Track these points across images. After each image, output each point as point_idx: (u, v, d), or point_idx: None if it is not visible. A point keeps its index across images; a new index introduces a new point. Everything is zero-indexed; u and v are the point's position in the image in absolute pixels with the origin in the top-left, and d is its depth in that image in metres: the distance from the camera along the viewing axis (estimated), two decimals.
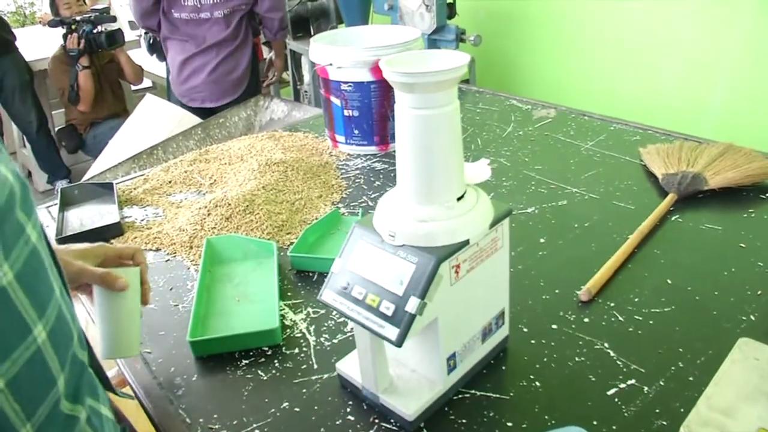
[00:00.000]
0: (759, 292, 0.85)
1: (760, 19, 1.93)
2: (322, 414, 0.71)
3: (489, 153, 1.37)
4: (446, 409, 0.70)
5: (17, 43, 3.14)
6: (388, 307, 0.61)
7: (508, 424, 0.67)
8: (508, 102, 1.67)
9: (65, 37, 2.96)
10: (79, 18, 2.93)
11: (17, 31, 3.28)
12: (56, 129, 3.38)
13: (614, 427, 0.66)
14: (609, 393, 0.70)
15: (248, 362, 0.80)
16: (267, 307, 0.90)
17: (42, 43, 3.55)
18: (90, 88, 3.02)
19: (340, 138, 1.44)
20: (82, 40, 2.90)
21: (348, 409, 0.71)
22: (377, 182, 1.28)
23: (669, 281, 0.89)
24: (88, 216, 1.24)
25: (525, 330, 0.81)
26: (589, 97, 2.48)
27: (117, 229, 1.13)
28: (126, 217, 1.21)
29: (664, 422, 0.66)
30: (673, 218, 1.05)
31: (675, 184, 1.12)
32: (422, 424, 0.68)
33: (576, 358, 0.76)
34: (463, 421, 0.68)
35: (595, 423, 0.66)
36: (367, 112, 1.38)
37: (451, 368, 0.69)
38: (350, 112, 1.38)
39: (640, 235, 0.98)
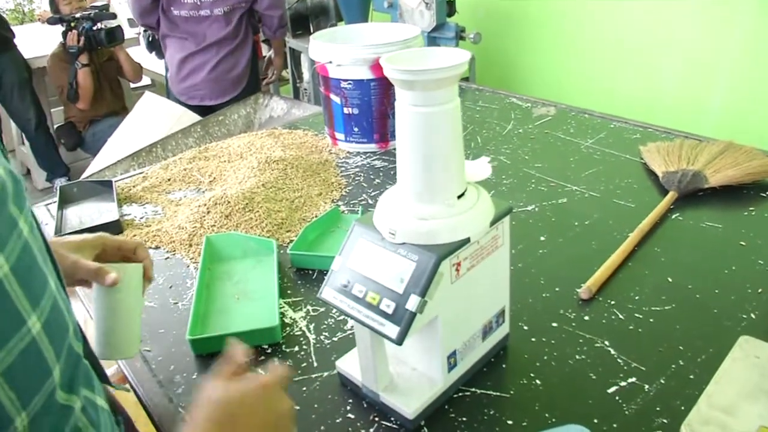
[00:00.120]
0: (759, 290, 0.85)
1: (760, 18, 1.92)
2: (322, 412, 0.71)
3: (489, 151, 1.37)
4: (446, 407, 0.70)
5: (16, 41, 3.13)
6: (388, 305, 0.61)
7: (509, 422, 0.67)
8: (507, 100, 1.67)
9: (65, 35, 2.94)
10: (78, 15, 2.92)
11: (16, 29, 3.27)
12: (55, 127, 3.37)
13: (615, 426, 0.66)
14: (609, 391, 0.70)
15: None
16: (267, 305, 0.89)
17: (41, 40, 3.54)
18: (89, 86, 3.01)
19: (340, 136, 1.43)
20: (81, 37, 2.89)
21: (348, 408, 0.71)
22: (377, 180, 1.28)
23: (669, 279, 0.89)
24: (87, 214, 1.24)
25: (525, 328, 0.81)
26: (589, 95, 2.47)
27: (116, 226, 1.13)
28: (125, 214, 1.20)
29: (664, 420, 0.66)
30: (674, 216, 1.05)
31: (675, 182, 1.12)
32: (422, 423, 0.68)
33: (576, 356, 0.76)
34: (464, 419, 0.68)
35: (595, 421, 0.66)
36: (367, 110, 1.37)
37: (451, 366, 0.69)
38: (350, 109, 1.38)
39: (641, 234, 0.98)
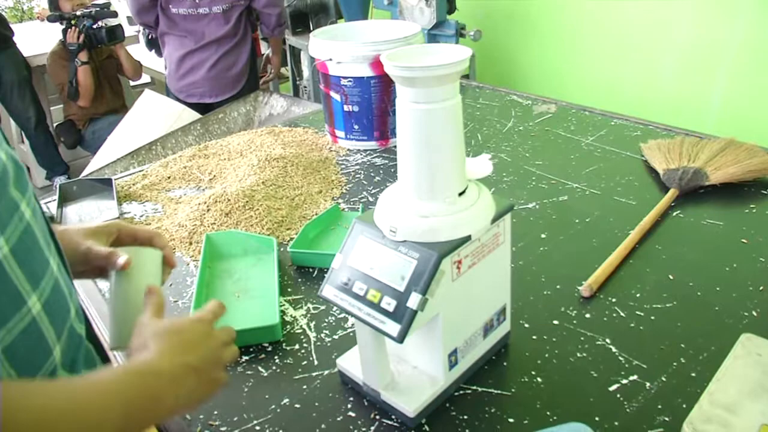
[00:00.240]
0: (761, 288, 0.84)
1: (760, 15, 1.92)
2: (322, 410, 0.71)
3: (489, 148, 1.36)
4: (447, 405, 0.70)
5: (15, 39, 3.13)
6: (389, 303, 0.61)
7: (510, 420, 0.67)
8: (508, 97, 1.67)
9: (65, 33, 2.94)
10: (79, 13, 2.91)
11: (15, 27, 3.27)
12: (55, 125, 3.37)
13: (616, 423, 0.65)
14: (611, 389, 0.70)
15: (248, 358, 0.80)
16: (267, 303, 0.89)
17: (40, 38, 3.53)
18: (89, 84, 3.01)
19: (340, 133, 1.43)
20: (81, 35, 2.88)
21: (349, 406, 0.71)
22: (377, 177, 1.28)
23: (671, 277, 0.88)
24: (87, 212, 1.23)
25: (526, 326, 0.81)
26: (589, 92, 2.47)
27: None
28: (125, 212, 1.20)
29: (666, 418, 0.65)
30: (675, 214, 1.05)
31: (676, 179, 1.11)
32: (423, 421, 0.68)
33: (578, 354, 0.75)
34: (465, 417, 0.68)
35: (597, 419, 0.66)
36: (367, 108, 1.37)
37: (452, 364, 0.69)
38: (350, 107, 1.38)
39: (642, 231, 0.98)
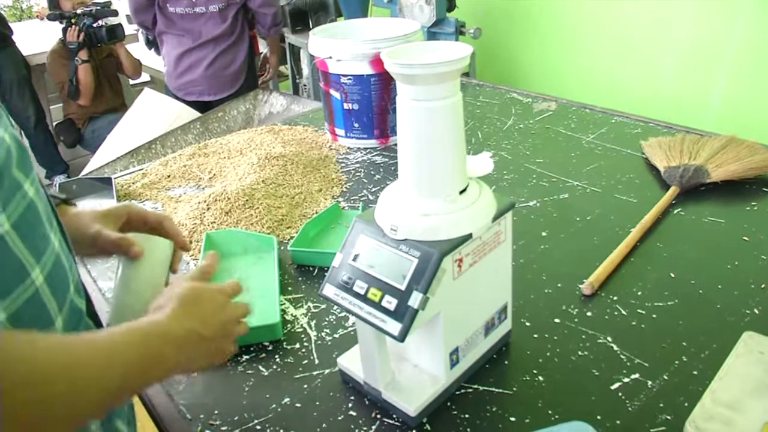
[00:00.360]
0: (763, 286, 0.84)
1: (761, 13, 1.92)
2: (323, 409, 0.70)
3: (490, 146, 1.36)
4: (449, 404, 0.70)
5: (14, 38, 3.12)
6: (390, 302, 0.60)
7: (511, 419, 0.67)
8: (508, 95, 1.66)
9: (64, 31, 2.93)
10: (80, 11, 2.91)
11: (14, 26, 3.26)
12: (54, 124, 3.36)
13: (618, 422, 0.65)
14: (612, 387, 0.70)
15: (249, 357, 0.79)
16: (267, 302, 0.89)
17: (39, 37, 3.53)
18: (90, 82, 3.01)
19: (340, 131, 1.43)
20: (81, 34, 2.88)
21: (350, 405, 0.71)
22: (377, 176, 1.27)
23: (672, 275, 0.88)
24: None
25: (527, 324, 0.81)
26: (590, 89, 2.46)
27: None
28: None
29: (668, 417, 0.65)
30: (676, 211, 1.05)
31: (677, 177, 1.11)
32: (424, 420, 0.68)
33: (579, 353, 0.75)
34: (466, 416, 0.68)
35: (598, 418, 0.66)
36: (367, 106, 1.37)
37: (453, 363, 0.69)
38: (350, 105, 1.37)
39: (643, 229, 0.98)
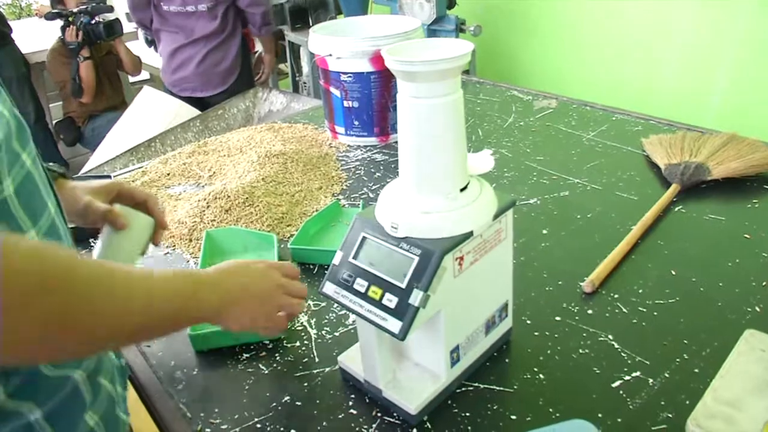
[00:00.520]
0: (764, 283, 0.84)
1: (761, 10, 1.91)
2: (324, 408, 0.70)
3: (490, 144, 1.36)
4: (449, 402, 0.69)
5: (13, 36, 3.12)
6: (390, 300, 0.60)
7: (512, 417, 0.67)
8: (508, 92, 1.66)
9: (63, 30, 2.93)
10: (76, 9, 2.91)
11: (13, 24, 3.26)
12: (54, 122, 3.36)
13: (619, 420, 0.65)
14: (614, 385, 0.70)
15: (249, 356, 0.79)
16: None
17: (38, 35, 3.53)
18: (92, 80, 3.01)
19: (340, 129, 1.42)
20: (80, 32, 2.88)
21: (350, 403, 0.71)
22: (378, 173, 1.27)
23: (673, 272, 0.88)
24: None
25: (528, 322, 0.81)
26: (590, 87, 2.46)
27: None
28: None
29: (669, 414, 0.65)
30: (677, 209, 1.04)
31: (678, 174, 1.11)
32: (425, 418, 0.68)
33: (580, 351, 0.75)
34: (467, 414, 0.68)
35: (600, 416, 0.66)
36: (367, 103, 1.36)
37: (454, 361, 0.69)
38: (350, 103, 1.37)
39: (644, 226, 0.98)
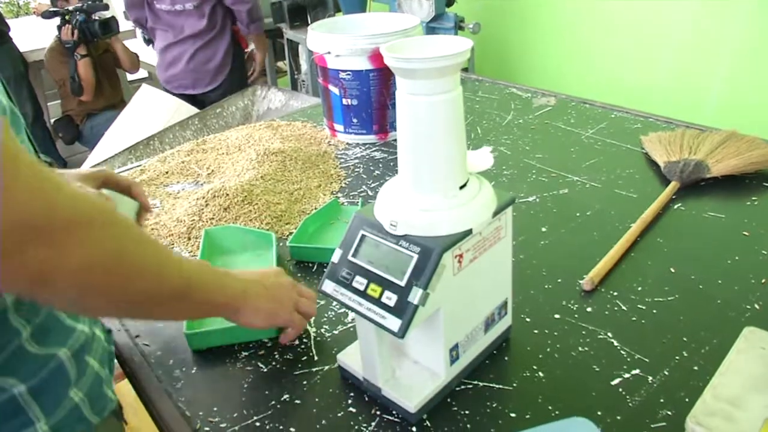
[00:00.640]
0: (763, 281, 0.84)
1: (760, 7, 1.91)
2: (323, 406, 0.70)
3: (489, 142, 1.36)
4: (449, 400, 0.69)
5: (11, 34, 3.12)
6: (390, 298, 0.60)
7: (512, 415, 0.67)
8: (507, 90, 1.66)
9: (60, 29, 2.93)
10: (71, 8, 2.91)
11: (11, 22, 3.25)
12: (53, 120, 3.35)
13: (619, 418, 0.65)
14: (613, 383, 0.70)
15: (248, 354, 0.79)
16: None
17: (36, 34, 3.52)
18: (91, 77, 3.01)
19: (339, 127, 1.42)
20: (75, 31, 2.89)
21: (349, 401, 0.71)
22: (377, 171, 1.27)
23: (672, 270, 0.88)
24: None
25: (528, 320, 0.81)
26: (589, 84, 2.46)
27: None
28: None
29: (669, 412, 0.65)
30: (676, 206, 1.04)
31: (677, 172, 1.11)
32: (424, 416, 0.67)
33: (579, 348, 0.75)
34: (466, 412, 0.68)
35: (599, 413, 0.66)
36: (366, 101, 1.36)
37: (453, 359, 0.69)
38: (349, 100, 1.37)
39: (643, 224, 0.97)
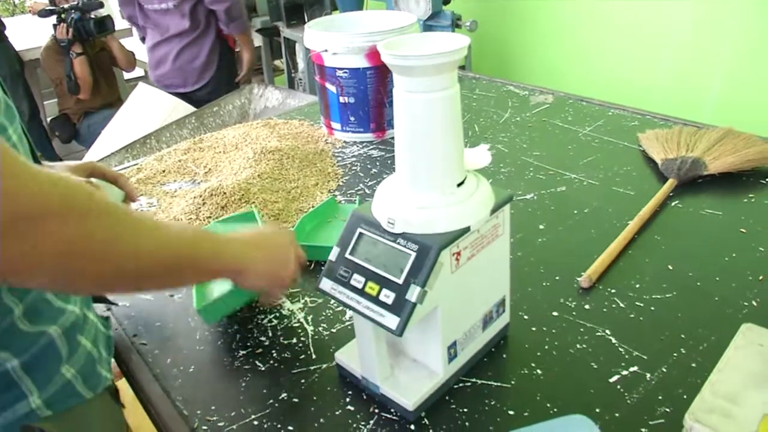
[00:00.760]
0: (760, 278, 0.84)
1: (758, 5, 1.91)
2: (321, 404, 0.70)
3: (486, 139, 1.35)
4: (447, 398, 0.69)
5: (7, 33, 3.10)
6: (387, 296, 0.60)
7: (510, 412, 0.67)
8: (504, 88, 1.66)
9: (55, 28, 2.93)
10: (67, 6, 2.91)
11: (6, 21, 3.24)
12: (49, 119, 3.34)
13: (617, 415, 0.65)
14: (611, 380, 0.70)
15: (246, 353, 0.79)
16: None
17: (32, 32, 3.51)
18: (87, 75, 3.00)
19: (336, 125, 1.42)
20: (70, 29, 2.89)
21: (347, 399, 0.70)
22: (374, 169, 1.27)
23: (670, 267, 0.88)
24: None
25: (526, 317, 0.81)
26: (586, 82, 2.46)
27: None
28: None
29: (667, 409, 0.65)
30: (673, 204, 1.04)
31: (674, 169, 1.11)
32: (423, 414, 0.67)
33: (577, 346, 0.75)
34: (464, 410, 0.68)
35: (597, 410, 0.66)
36: (363, 99, 1.36)
37: (451, 357, 0.68)
38: (346, 98, 1.37)
39: (640, 221, 0.97)
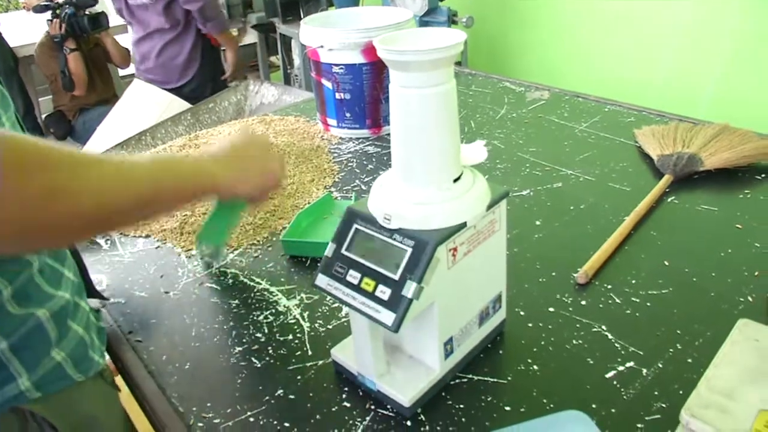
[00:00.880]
0: (756, 273, 0.84)
1: (755, 2, 1.91)
2: (317, 401, 0.70)
3: (482, 135, 1.35)
4: (443, 394, 0.69)
5: (1, 29, 3.09)
6: (383, 292, 0.60)
7: (506, 408, 0.67)
8: (500, 84, 1.65)
9: (49, 23, 2.92)
10: (61, 1, 2.90)
11: (0, 17, 3.23)
12: (44, 116, 3.33)
13: (613, 410, 0.65)
14: (607, 376, 0.70)
15: (241, 349, 0.79)
16: None
17: (26, 28, 3.49)
18: (81, 71, 3.00)
19: (332, 121, 1.41)
20: (63, 25, 2.88)
21: (343, 396, 0.70)
22: (370, 166, 1.26)
23: (666, 263, 0.88)
24: None
25: (522, 313, 0.80)
26: (583, 78, 2.46)
27: None
28: None
29: (663, 404, 0.65)
30: (669, 200, 1.04)
31: (670, 165, 1.11)
32: (419, 410, 0.67)
33: (574, 341, 0.75)
34: (461, 406, 0.67)
35: (594, 406, 0.66)
36: (359, 95, 1.35)
37: (448, 353, 0.68)
38: (342, 95, 1.36)
39: (636, 217, 0.98)
